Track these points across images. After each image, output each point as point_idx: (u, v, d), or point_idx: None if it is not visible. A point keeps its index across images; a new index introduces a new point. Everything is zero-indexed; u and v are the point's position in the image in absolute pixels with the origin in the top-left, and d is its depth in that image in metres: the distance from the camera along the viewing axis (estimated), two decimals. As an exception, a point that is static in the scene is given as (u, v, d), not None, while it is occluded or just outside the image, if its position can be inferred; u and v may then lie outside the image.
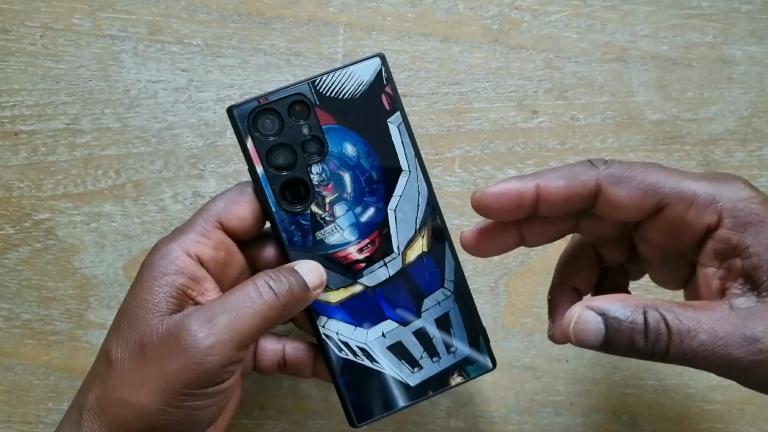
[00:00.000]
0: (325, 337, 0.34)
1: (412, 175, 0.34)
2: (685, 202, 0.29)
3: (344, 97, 0.33)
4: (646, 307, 0.27)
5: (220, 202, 0.33)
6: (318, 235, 0.34)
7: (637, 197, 0.29)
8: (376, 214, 0.34)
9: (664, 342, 0.27)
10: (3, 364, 0.43)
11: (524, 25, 0.43)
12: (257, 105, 0.33)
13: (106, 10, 0.43)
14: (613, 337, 0.27)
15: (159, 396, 0.29)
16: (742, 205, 0.28)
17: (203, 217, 0.33)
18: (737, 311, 0.27)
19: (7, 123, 0.43)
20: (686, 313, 0.27)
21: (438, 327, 0.35)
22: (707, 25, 0.43)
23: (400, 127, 0.34)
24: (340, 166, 0.34)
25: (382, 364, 0.35)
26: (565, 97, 0.43)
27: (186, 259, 0.32)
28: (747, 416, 0.43)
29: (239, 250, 0.34)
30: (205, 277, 0.32)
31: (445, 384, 0.35)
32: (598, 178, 0.30)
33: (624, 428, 0.43)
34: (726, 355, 0.26)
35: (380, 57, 0.33)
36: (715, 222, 0.28)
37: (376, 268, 0.34)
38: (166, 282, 0.31)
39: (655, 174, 0.29)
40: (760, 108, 0.43)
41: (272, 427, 0.43)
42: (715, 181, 0.29)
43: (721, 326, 0.27)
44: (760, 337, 0.26)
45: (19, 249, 0.43)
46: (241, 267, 0.34)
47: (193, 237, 0.32)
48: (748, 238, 0.28)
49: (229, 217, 0.33)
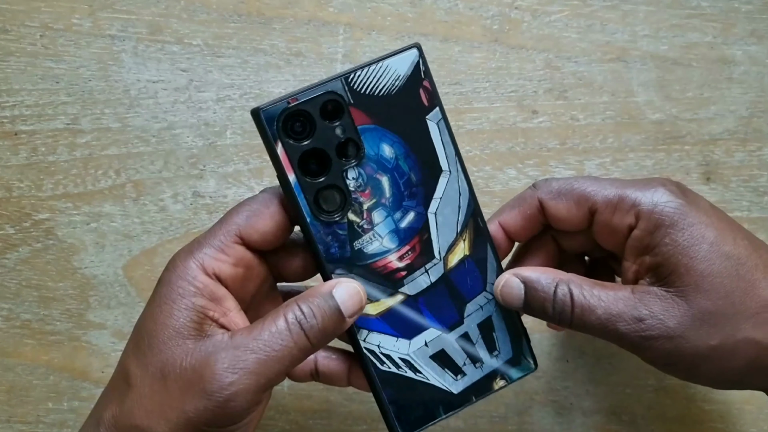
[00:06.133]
0: (365, 351, 0.33)
1: (453, 175, 0.32)
2: (610, 207, 0.32)
3: (380, 94, 0.31)
4: (560, 281, 0.32)
5: (243, 213, 0.31)
6: (356, 244, 0.32)
7: (572, 208, 0.33)
8: (417, 219, 0.32)
9: (567, 312, 0.31)
10: (3, 364, 0.43)
11: (524, 25, 0.43)
12: (286, 106, 0.30)
13: (106, 10, 0.43)
14: (530, 302, 0.32)
15: (176, 429, 0.29)
16: (658, 208, 0.31)
17: (223, 231, 0.31)
18: (635, 295, 0.31)
19: (7, 123, 0.43)
20: (593, 291, 0.31)
21: (481, 332, 0.34)
22: (707, 25, 0.43)
23: (439, 124, 0.32)
24: (377, 170, 0.31)
25: (425, 374, 0.33)
26: (565, 97, 0.43)
27: (204, 279, 0.31)
28: (747, 416, 0.43)
29: (260, 262, 0.33)
30: (225, 295, 0.31)
31: (489, 389, 0.34)
32: (539, 197, 0.33)
33: (624, 428, 0.43)
34: (615, 330, 0.30)
35: (417, 48, 0.31)
36: (634, 224, 0.32)
37: (418, 275, 0.33)
38: (185, 305, 0.30)
39: (588, 184, 0.33)
40: (760, 108, 0.43)
41: (272, 427, 0.43)
42: (641, 186, 0.32)
43: (616, 306, 0.31)
44: (645, 319, 0.30)
45: (19, 249, 0.43)
46: (261, 279, 0.33)
47: (211, 253, 0.31)
48: (656, 239, 0.31)
49: (250, 231, 0.31)
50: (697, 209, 0.31)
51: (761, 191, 0.43)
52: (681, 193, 0.32)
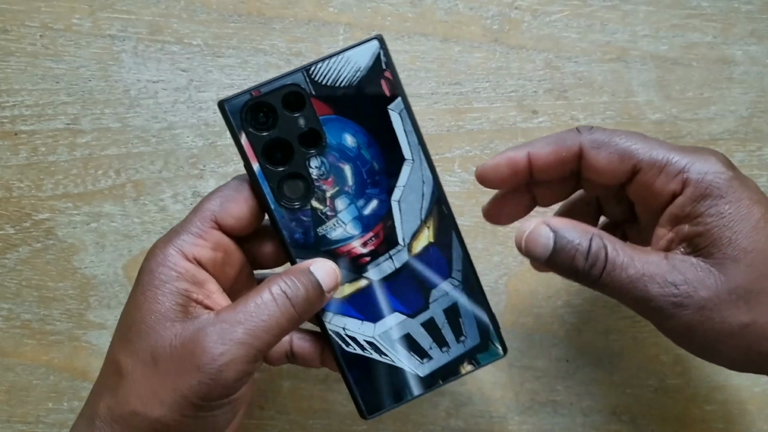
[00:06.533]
0: (331, 333, 0.34)
1: (416, 163, 0.33)
2: (656, 169, 0.31)
3: (341, 85, 0.32)
4: (594, 235, 0.30)
5: (216, 200, 0.32)
6: (320, 230, 0.33)
7: (614, 161, 0.31)
8: (380, 206, 0.33)
9: (600, 267, 0.30)
10: (3, 364, 0.43)
11: (524, 25, 0.43)
12: (249, 98, 0.31)
13: (106, 10, 0.43)
14: (559, 253, 0.30)
15: (173, 408, 0.29)
16: (708, 177, 0.30)
17: (198, 218, 0.32)
18: (669, 260, 0.30)
19: (7, 123, 0.43)
20: (626, 249, 0.30)
21: (446, 317, 0.35)
22: (707, 25, 0.43)
23: (401, 113, 0.32)
24: (339, 159, 0.32)
25: (390, 357, 0.34)
26: (565, 97, 0.43)
27: (185, 264, 0.31)
28: (747, 416, 0.43)
29: (237, 248, 0.34)
30: (207, 279, 0.32)
31: (456, 373, 0.35)
32: (581, 142, 0.32)
33: (624, 428, 0.43)
34: (644, 290, 0.29)
35: (378, 39, 0.32)
36: (679, 190, 0.30)
37: (382, 261, 0.34)
38: (169, 290, 0.31)
39: (634, 141, 0.31)
40: (760, 108, 0.43)
41: (272, 427, 0.43)
42: (691, 153, 0.31)
43: (649, 267, 0.29)
44: (678, 284, 0.29)
45: (19, 249, 0.43)
46: (239, 264, 0.34)
47: (190, 239, 0.32)
48: (701, 208, 0.30)
49: (224, 216, 0.32)
50: (746, 185, 0.30)
51: (761, 191, 0.43)
52: (731, 167, 0.31)
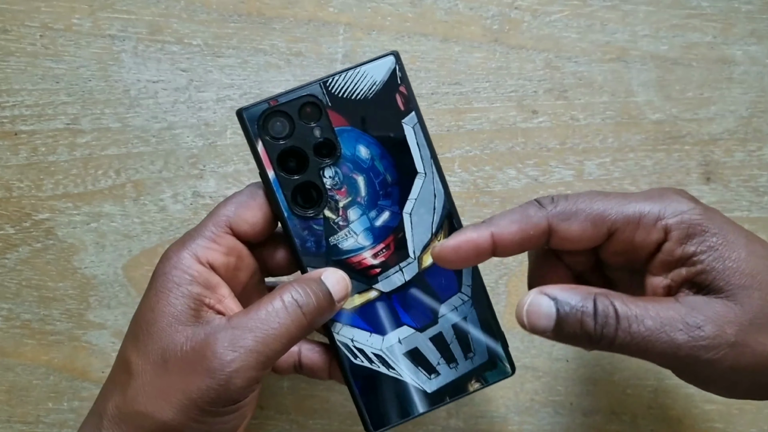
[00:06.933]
0: (339, 344, 0.34)
1: (428, 177, 0.33)
2: (632, 225, 0.30)
3: (357, 98, 0.32)
4: (597, 294, 0.29)
5: (231, 206, 0.33)
6: (331, 240, 0.33)
7: (588, 229, 0.30)
8: (391, 218, 0.33)
9: (612, 326, 0.28)
10: (3, 364, 0.43)
11: (524, 25, 0.43)
12: (267, 107, 0.32)
13: (106, 10, 0.43)
14: (564, 321, 0.29)
15: (181, 412, 0.29)
16: (686, 217, 0.29)
17: (213, 222, 0.32)
18: (683, 302, 0.28)
19: (7, 123, 0.43)
20: (634, 300, 0.29)
21: (455, 332, 0.34)
22: (707, 25, 0.43)
23: (415, 127, 0.33)
24: (353, 170, 0.33)
25: (398, 371, 0.34)
26: (565, 97, 0.43)
27: (199, 267, 0.32)
28: (747, 416, 0.43)
29: (250, 253, 0.34)
30: (219, 283, 0.32)
31: (463, 390, 0.35)
32: (548, 218, 0.31)
33: (624, 428, 0.43)
34: (669, 340, 0.27)
35: (394, 55, 0.32)
36: (663, 238, 0.30)
37: (392, 273, 0.34)
38: (182, 293, 0.31)
39: (601, 203, 0.30)
40: (760, 108, 0.43)
41: (272, 427, 0.43)
42: (658, 198, 0.30)
43: (666, 313, 0.28)
44: (702, 325, 0.28)
45: (19, 249, 0.43)
46: (251, 269, 0.34)
47: (204, 243, 0.32)
48: (691, 247, 0.29)
49: (239, 222, 0.32)
50: (716, 213, 0.30)
51: (761, 191, 0.43)
52: (696, 200, 0.31)
